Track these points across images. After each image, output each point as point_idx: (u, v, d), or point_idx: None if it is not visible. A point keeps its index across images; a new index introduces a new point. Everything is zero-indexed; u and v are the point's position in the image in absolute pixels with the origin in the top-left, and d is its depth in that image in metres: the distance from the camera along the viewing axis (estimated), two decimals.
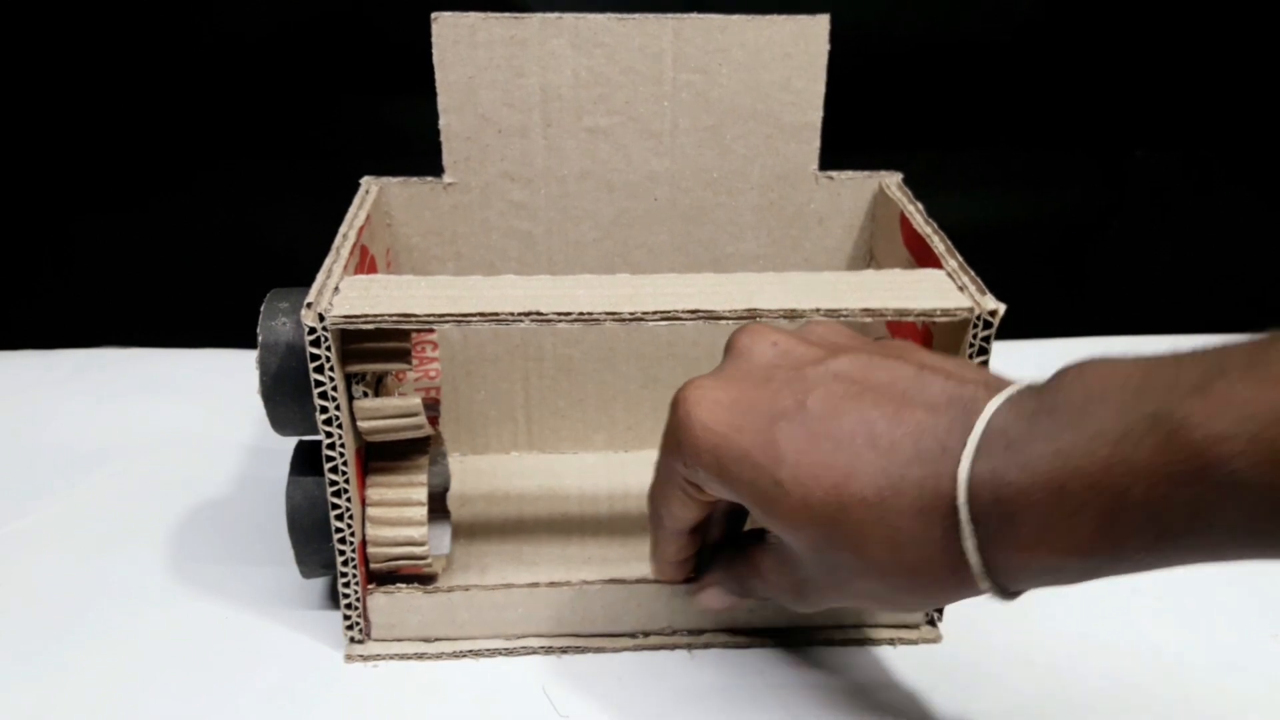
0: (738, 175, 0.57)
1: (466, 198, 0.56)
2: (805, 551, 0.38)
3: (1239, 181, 0.82)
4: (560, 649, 0.48)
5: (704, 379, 0.40)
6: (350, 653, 0.47)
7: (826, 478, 0.35)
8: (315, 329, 0.40)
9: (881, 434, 0.35)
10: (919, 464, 0.34)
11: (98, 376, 0.72)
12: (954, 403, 0.35)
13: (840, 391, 0.37)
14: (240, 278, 0.66)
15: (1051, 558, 0.32)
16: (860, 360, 0.38)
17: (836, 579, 0.38)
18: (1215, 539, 0.29)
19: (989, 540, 0.33)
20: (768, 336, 0.41)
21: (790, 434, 0.36)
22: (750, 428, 0.37)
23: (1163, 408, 0.29)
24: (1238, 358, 0.29)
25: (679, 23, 0.53)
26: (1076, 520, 0.31)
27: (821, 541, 0.37)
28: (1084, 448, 0.31)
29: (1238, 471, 0.28)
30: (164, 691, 0.46)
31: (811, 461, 0.36)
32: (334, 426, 0.42)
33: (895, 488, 0.34)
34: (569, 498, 0.59)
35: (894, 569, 0.35)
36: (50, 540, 0.56)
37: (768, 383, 0.38)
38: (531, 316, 0.41)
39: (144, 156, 0.75)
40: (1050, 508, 0.31)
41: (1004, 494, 0.32)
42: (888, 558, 0.35)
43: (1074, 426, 0.31)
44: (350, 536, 0.45)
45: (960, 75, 0.76)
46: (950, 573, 0.34)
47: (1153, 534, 0.30)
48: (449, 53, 0.53)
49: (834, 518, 0.35)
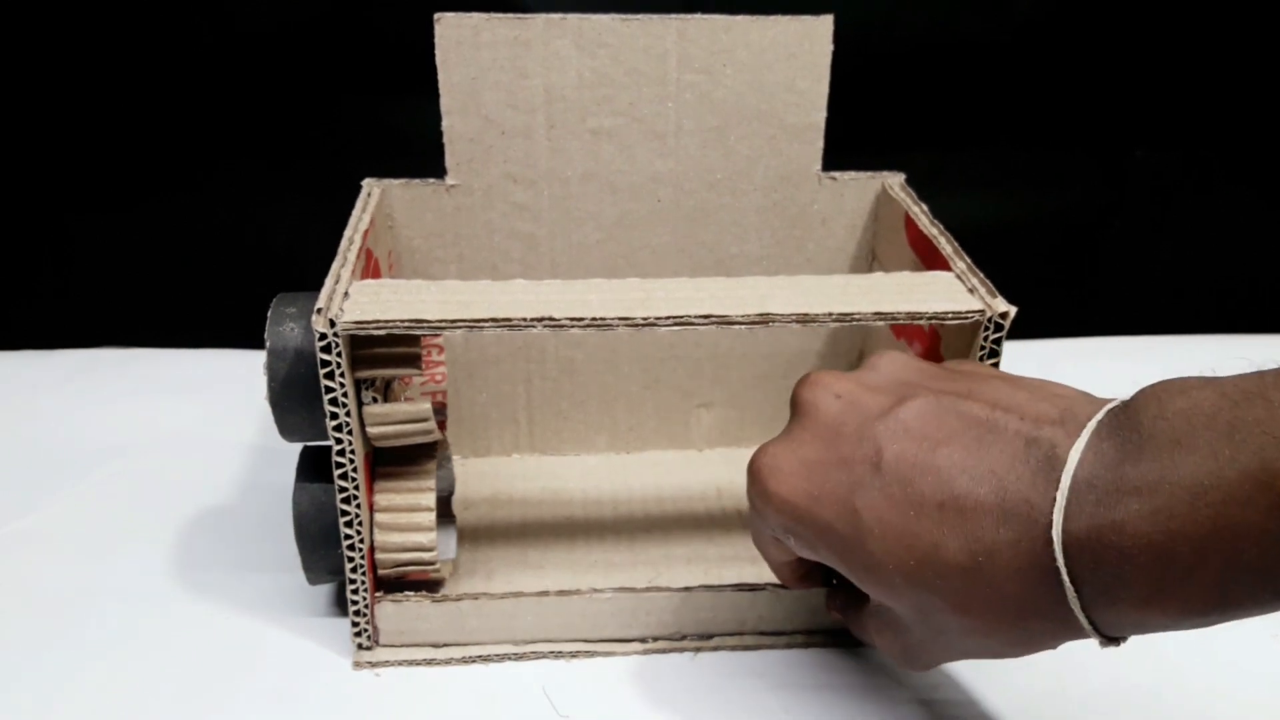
0: (741, 176, 0.56)
1: (469, 199, 0.56)
2: (908, 615, 0.37)
3: (1239, 181, 0.82)
4: (569, 654, 0.48)
5: (774, 445, 0.39)
6: (358, 659, 0.47)
7: (916, 548, 0.34)
8: (326, 335, 0.40)
9: (963, 495, 0.33)
10: (1007, 525, 0.32)
11: (98, 376, 0.71)
12: (1033, 448, 0.33)
13: (913, 450, 0.35)
14: (241, 278, 0.66)
15: (1164, 618, 0.31)
16: (929, 407, 0.36)
17: (944, 641, 0.37)
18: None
19: (1094, 601, 0.32)
20: (830, 388, 0.39)
21: (870, 502, 0.35)
22: (828, 497, 0.36)
23: (1268, 461, 0.28)
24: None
25: (683, 23, 0.53)
26: (1187, 584, 0.29)
27: (923, 607, 0.36)
28: (1185, 508, 0.29)
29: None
30: (168, 697, 0.45)
31: (898, 532, 0.35)
32: (344, 433, 0.42)
33: (988, 552, 0.33)
34: (573, 501, 0.59)
35: (1000, 628, 0.34)
36: (50, 540, 0.55)
37: (837, 441, 0.37)
38: (544, 322, 0.41)
39: (144, 156, 0.75)
40: (1157, 572, 0.30)
41: (1105, 557, 0.30)
42: (993, 619, 0.34)
43: (1168, 480, 0.29)
44: (360, 543, 0.44)
45: (962, 76, 0.76)
46: (1060, 626, 0.33)
47: (1272, 591, 0.29)
48: (452, 54, 0.52)
49: (930, 586, 0.34)
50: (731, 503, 0.58)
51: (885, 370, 0.40)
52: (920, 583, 0.34)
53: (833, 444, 0.37)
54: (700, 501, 0.59)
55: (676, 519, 0.57)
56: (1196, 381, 0.31)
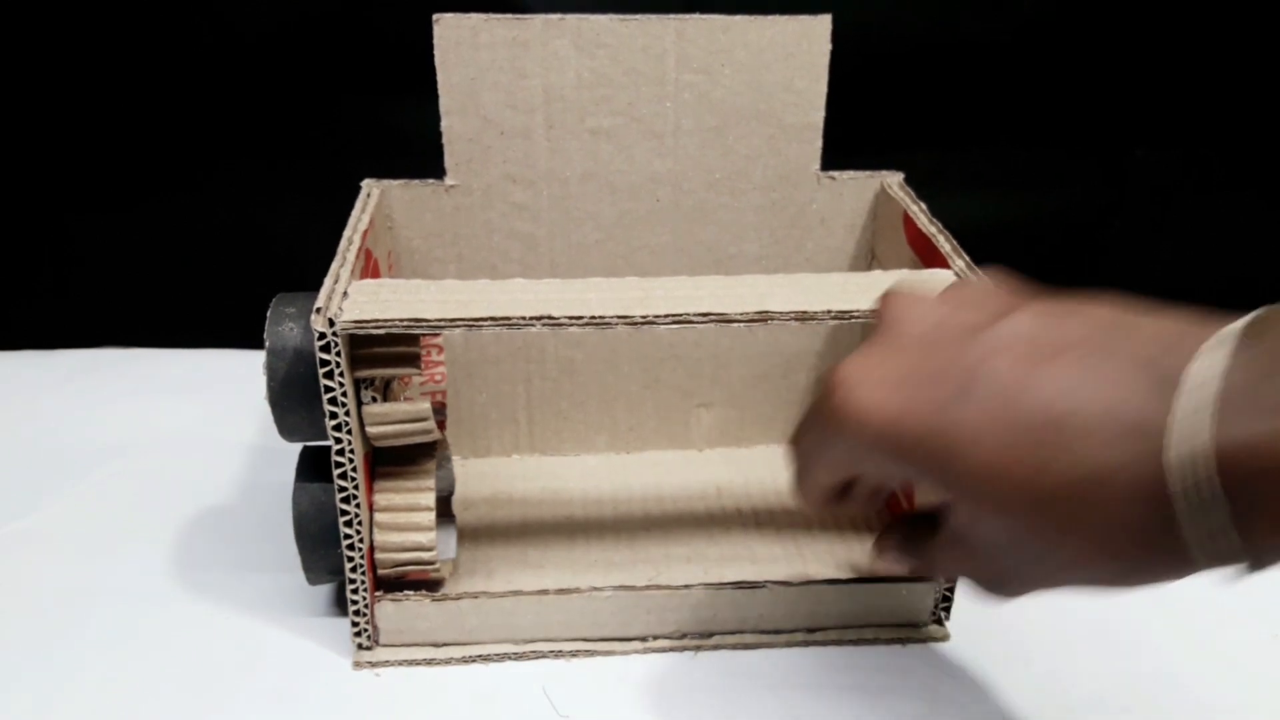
0: (740, 176, 0.57)
1: (468, 200, 0.56)
2: (1000, 541, 0.34)
3: (1239, 181, 0.82)
4: (569, 653, 0.48)
5: (859, 356, 0.36)
6: (358, 659, 0.47)
7: (1018, 469, 0.31)
8: (325, 334, 0.40)
9: (1071, 413, 0.31)
10: (1120, 446, 0.30)
11: (98, 376, 0.71)
12: (1149, 367, 0.30)
13: (1016, 366, 0.32)
14: (241, 278, 0.66)
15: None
16: (1033, 322, 0.33)
17: (1041, 571, 0.34)
18: None
19: (1224, 528, 0.29)
20: (922, 300, 0.37)
21: (972, 415, 0.32)
22: (924, 408, 0.33)
23: None
24: None
25: (681, 24, 0.53)
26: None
27: (1021, 533, 0.33)
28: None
29: None
30: (167, 697, 0.46)
31: (1000, 447, 0.32)
32: (343, 432, 0.42)
33: (1097, 475, 0.30)
34: (572, 500, 0.59)
35: (1105, 558, 0.31)
36: (50, 540, 0.56)
37: (931, 354, 0.34)
38: (543, 320, 0.41)
39: (144, 156, 0.75)
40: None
41: (1237, 479, 0.28)
42: (1099, 549, 0.31)
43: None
44: (359, 543, 0.44)
45: (961, 75, 0.76)
46: (1171, 557, 0.30)
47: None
48: (451, 54, 0.52)
49: (1033, 510, 0.31)
50: (731, 502, 0.58)
51: (980, 288, 0.37)
52: (1020, 506, 0.32)
53: (926, 357, 0.34)
54: (700, 501, 0.59)
55: (676, 519, 0.57)
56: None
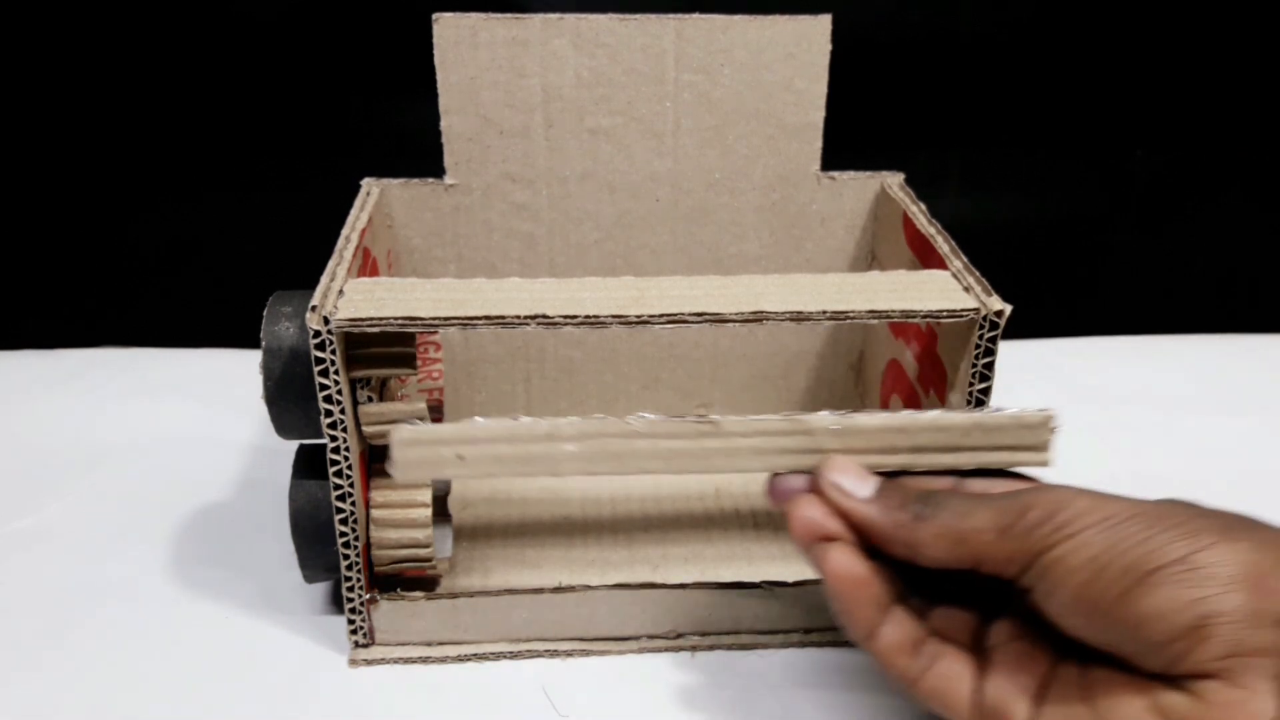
0: (740, 176, 0.56)
1: (468, 199, 0.56)
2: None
3: (1239, 182, 0.82)
4: (565, 652, 0.48)
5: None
6: (354, 657, 0.47)
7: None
8: (320, 333, 0.40)
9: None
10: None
11: (98, 376, 0.71)
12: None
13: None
14: (240, 278, 0.66)
15: None
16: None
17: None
18: None
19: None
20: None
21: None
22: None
23: None
24: None
25: (681, 23, 0.53)
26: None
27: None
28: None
29: None
30: (164, 695, 0.46)
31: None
32: (339, 431, 0.42)
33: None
34: (570, 500, 0.59)
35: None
36: (50, 540, 0.56)
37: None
38: (538, 319, 0.41)
39: (144, 157, 0.75)
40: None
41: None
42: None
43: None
44: (355, 541, 0.44)
45: (961, 76, 0.76)
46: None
47: None
48: (450, 53, 0.52)
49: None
50: (730, 502, 0.58)
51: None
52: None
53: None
54: (699, 501, 0.58)
55: (674, 519, 0.57)
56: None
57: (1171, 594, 0.32)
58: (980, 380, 0.43)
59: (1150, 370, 0.73)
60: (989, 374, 0.43)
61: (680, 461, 0.40)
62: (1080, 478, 0.38)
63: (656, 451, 0.40)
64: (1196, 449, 0.65)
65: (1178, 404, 0.70)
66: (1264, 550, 0.32)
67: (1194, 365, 0.74)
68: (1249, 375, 0.73)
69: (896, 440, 0.40)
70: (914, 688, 0.38)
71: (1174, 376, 0.73)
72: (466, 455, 0.40)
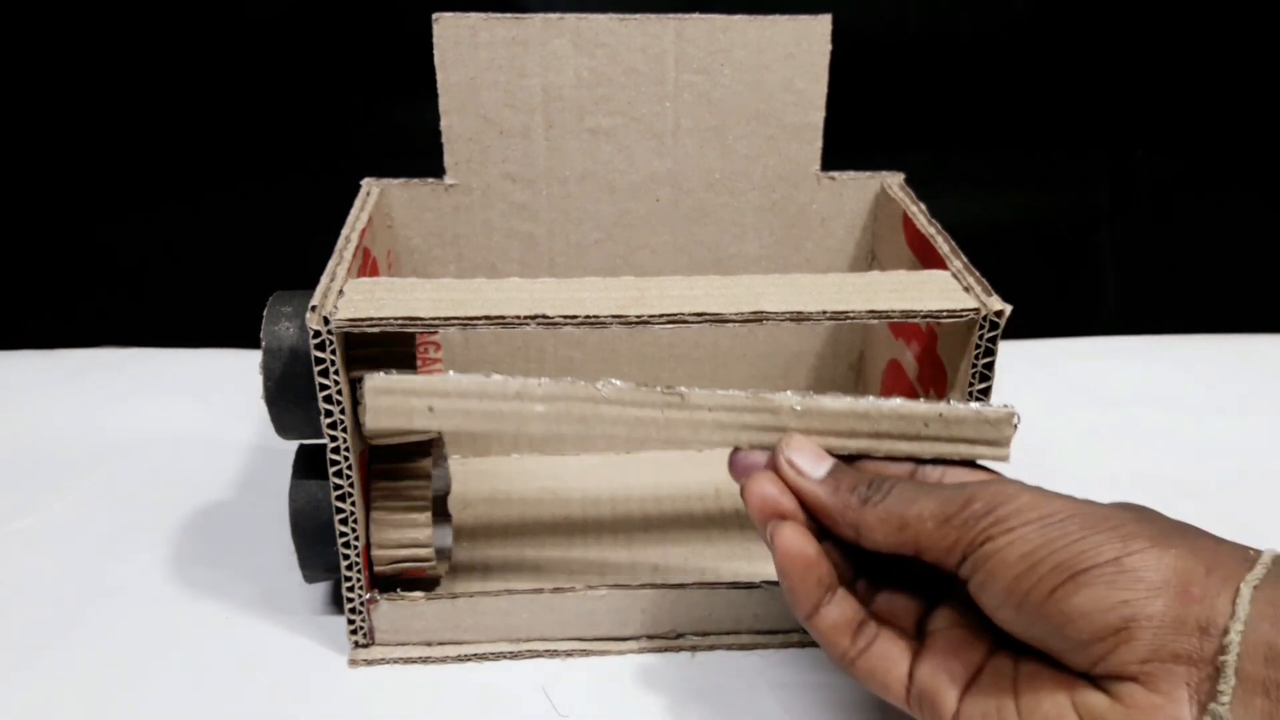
0: (740, 176, 0.56)
1: (468, 199, 0.56)
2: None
3: (1239, 181, 0.82)
4: (564, 652, 0.48)
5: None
6: (354, 657, 0.47)
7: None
8: (319, 333, 0.40)
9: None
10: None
11: (98, 376, 0.71)
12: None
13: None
14: (240, 278, 0.66)
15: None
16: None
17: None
18: None
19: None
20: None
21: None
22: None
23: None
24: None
25: (681, 23, 0.53)
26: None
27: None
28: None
29: None
30: (165, 695, 0.46)
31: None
32: (338, 430, 0.42)
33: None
34: (571, 500, 0.59)
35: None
36: (50, 540, 0.56)
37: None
38: (538, 319, 0.41)
39: (144, 157, 0.75)
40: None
41: None
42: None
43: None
44: (355, 541, 0.44)
45: (961, 76, 0.76)
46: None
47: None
48: (450, 54, 0.52)
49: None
50: (730, 502, 0.58)
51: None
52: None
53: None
54: (699, 501, 0.59)
55: (675, 519, 0.57)
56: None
57: (1098, 594, 0.32)
58: (980, 380, 0.43)
59: (1150, 370, 0.73)
60: (989, 374, 0.43)
61: (645, 430, 0.41)
62: (1080, 478, 0.38)
63: (622, 418, 0.41)
64: (1196, 449, 0.65)
65: (1178, 404, 0.70)
66: (1193, 558, 0.33)
67: (1194, 365, 0.74)
68: (1249, 375, 0.73)
69: (858, 425, 0.41)
70: (852, 667, 0.39)
71: (1174, 376, 0.73)
72: (436, 408, 0.40)
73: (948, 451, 0.41)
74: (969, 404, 0.41)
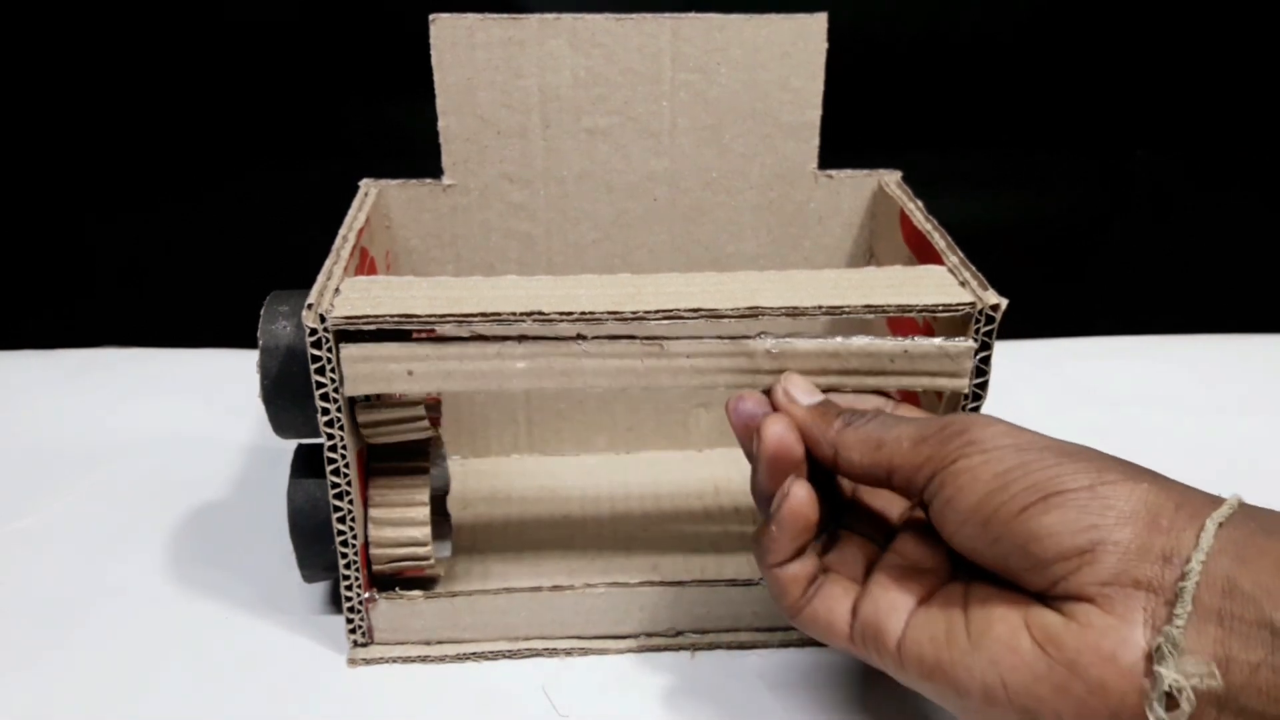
0: (737, 175, 0.56)
1: (466, 199, 0.56)
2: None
3: (1239, 182, 0.82)
4: (563, 651, 0.48)
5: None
6: (353, 656, 0.47)
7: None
8: (316, 330, 0.40)
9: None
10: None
11: (98, 376, 0.71)
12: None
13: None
14: (240, 278, 0.66)
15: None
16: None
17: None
18: None
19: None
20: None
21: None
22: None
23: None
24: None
25: (677, 22, 0.53)
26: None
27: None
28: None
29: None
30: (164, 694, 0.46)
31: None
32: (335, 429, 0.42)
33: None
34: (570, 500, 0.59)
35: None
36: (50, 540, 0.56)
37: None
38: (534, 316, 0.41)
39: (144, 157, 0.76)
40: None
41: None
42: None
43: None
44: (353, 539, 0.45)
45: (960, 74, 0.76)
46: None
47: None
48: (447, 54, 0.52)
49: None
50: (729, 501, 0.58)
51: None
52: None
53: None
54: (698, 500, 0.59)
55: (674, 519, 0.57)
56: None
57: (1068, 516, 0.33)
58: (976, 375, 0.43)
59: (1150, 370, 0.73)
60: (985, 369, 0.43)
61: (625, 379, 0.42)
62: None
63: (603, 370, 0.42)
64: (1196, 449, 0.65)
65: (1178, 404, 0.69)
66: (1164, 494, 0.34)
67: (1194, 365, 0.74)
68: (1249, 375, 0.73)
69: (828, 363, 0.42)
70: (799, 616, 0.40)
71: (1174, 376, 0.73)
72: (416, 371, 0.41)
73: (911, 384, 0.43)
74: (932, 339, 0.42)
